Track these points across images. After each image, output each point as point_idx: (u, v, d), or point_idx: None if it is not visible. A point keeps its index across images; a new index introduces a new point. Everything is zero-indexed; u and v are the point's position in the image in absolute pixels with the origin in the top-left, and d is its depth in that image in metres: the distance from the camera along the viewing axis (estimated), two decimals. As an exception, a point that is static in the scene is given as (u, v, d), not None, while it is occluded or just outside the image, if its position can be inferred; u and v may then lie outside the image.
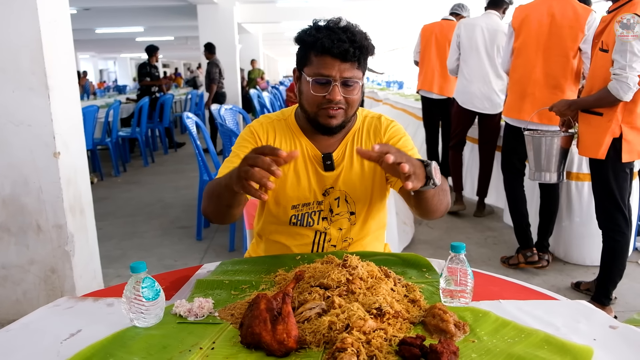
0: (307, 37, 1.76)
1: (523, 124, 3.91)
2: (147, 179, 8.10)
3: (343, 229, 1.95)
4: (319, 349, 1.19)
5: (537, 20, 3.86)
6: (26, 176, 3.25)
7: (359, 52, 1.71)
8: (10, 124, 3.17)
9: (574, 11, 3.76)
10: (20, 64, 3.12)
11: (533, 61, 3.91)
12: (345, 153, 1.92)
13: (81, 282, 3.47)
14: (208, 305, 1.41)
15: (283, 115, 1.97)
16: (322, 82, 1.73)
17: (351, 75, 1.73)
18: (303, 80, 1.80)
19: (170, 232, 5.38)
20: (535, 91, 3.92)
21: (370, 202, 1.95)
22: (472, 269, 1.41)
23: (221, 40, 11.91)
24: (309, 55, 1.76)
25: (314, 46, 1.73)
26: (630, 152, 3.13)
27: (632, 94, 2.98)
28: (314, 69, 1.74)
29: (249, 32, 18.30)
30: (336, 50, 1.68)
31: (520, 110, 3.99)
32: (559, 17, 3.79)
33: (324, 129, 1.82)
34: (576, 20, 3.74)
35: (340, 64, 1.71)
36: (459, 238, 4.88)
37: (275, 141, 1.91)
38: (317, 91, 1.75)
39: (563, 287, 3.80)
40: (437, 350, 1.11)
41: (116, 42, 24.90)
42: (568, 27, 3.76)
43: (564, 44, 3.79)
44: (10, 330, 1.36)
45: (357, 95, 1.79)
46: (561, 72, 3.84)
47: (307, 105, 1.81)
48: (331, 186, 1.90)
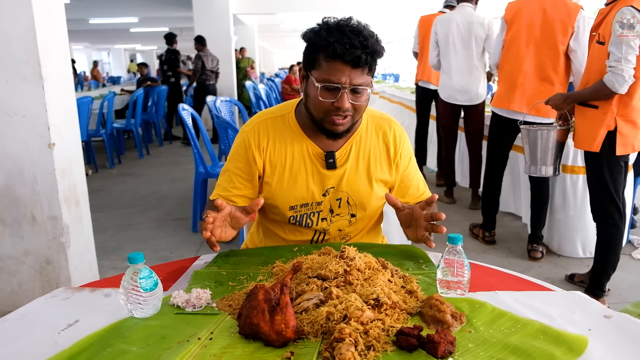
0: (317, 38, 1.67)
1: (512, 114, 4.08)
2: (142, 170, 8.09)
3: (343, 230, 1.95)
4: (316, 339, 1.20)
5: (529, 14, 3.94)
6: (21, 167, 3.23)
7: (370, 58, 1.65)
8: (4, 114, 3.15)
9: (565, 6, 3.85)
10: (13, 53, 3.10)
11: (524, 53, 4.00)
12: (350, 154, 1.88)
13: (77, 274, 3.47)
14: (206, 296, 1.41)
15: (282, 112, 1.91)
16: (331, 88, 1.67)
17: (361, 82, 1.67)
18: (310, 83, 1.72)
19: (166, 224, 5.38)
20: (525, 83, 4.02)
21: (371, 204, 1.93)
22: (468, 261, 1.42)
23: (216, 31, 11.86)
24: (319, 58, 1.68)
25: (325, 50, 1.64)
26: (625, 145, 3.14)
27: (627, 87, 2.99)
28: (324, 74, 1.67)
29: (244, 23, 18.21)
30: (348, 57, 1.61)
31: (510, 101, 4.09)
32: (550, 12, 3.87)
33: (330, 133, 1.77)
34: (567, 15, 3.84)
35: (351, 70, 1.64)
36: (453, 230, 4.81)
37: (269, 144, 1.85)
38: (325, 97, 1.68)
39: (557, 279, 3.82)
40: (435, 340, 1.11)
41: (110, 32, 24.73)
42: (559, 22, 3.85)
43: (554, 38, 3.88)
44: (7, 320, 1.36)
45: (365, 102, 1.74)
46: (551, 65, 3.93)
47: (313, 110, 1.75)
48: (332, 186, 1.87)
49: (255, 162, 1.85)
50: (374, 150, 1.90)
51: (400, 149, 1.94)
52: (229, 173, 1.89)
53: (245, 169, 1.87)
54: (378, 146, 1.91)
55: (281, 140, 1.86)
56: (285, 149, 1.86)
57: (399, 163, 1.94)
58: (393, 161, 1.93)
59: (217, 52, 10.66)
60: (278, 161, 1.86)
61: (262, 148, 1.86)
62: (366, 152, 1.89)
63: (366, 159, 1.89)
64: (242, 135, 1.90)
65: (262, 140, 1.86)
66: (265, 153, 1.86)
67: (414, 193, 1.99)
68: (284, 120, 1.89)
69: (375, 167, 1.90)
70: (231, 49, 12.40)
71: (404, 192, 1.98)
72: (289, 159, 1.86)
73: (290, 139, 1.87)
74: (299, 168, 1.86)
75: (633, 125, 3.12)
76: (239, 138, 1.91)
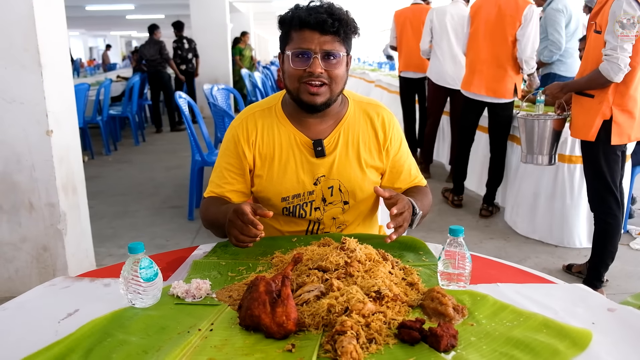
0: (286, 16, 1.75)
1: (473, 95, 4.81)
2: (138, 157, 8.06)
3: (337, 218, 1.94)
4: (317, 331, 1.19)
5: (487, 11, 4.61)
6: (19, 154, 3.22)
7: (337, 23, 1.68)
8: (3, 101, 3.14)
9: (516, 3, 4.47)
10: (12, 40, 3.08)
11: (481, 44, 4.69)
12: (339, 140, 1.88)
13: (73, 261, 3.46)
14: (205, 287, 1.40)
15: (269, 104, 1.93)
16: (302, 55, 1.70)
17: (332, 47, 1.70)
18: (285, 58, 1.76)
19: (162, 212, 5.37)
20: (483, 69, 4.70)
21: (363, 190, 1.92)
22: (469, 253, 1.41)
23: (212, 18, 11.81)
24: (290, 33, 1.74)
25: (292, 22, 1.71)
26: (620, 135, 3.13)
27: (623, 75, 2.98)
28: (294, 45, 1.72)
29: (240, 10, 18.14)
30: (313, 21, 1.66)
31: (471, 84, 4.81)
32: (503, 8, 4.51)
33: (308, 107, 1.77)
34: (516, 10, 4.45)
35: (320, 36, 1.68)
36: (451, 220, 4.91)
37: (258, 137, 1.86)
38: (298, 65, 1.72)
39: (555, 269, 3.83)
40: (437, 334, 1.11)
41: (106, 19, 24.63)
42: (509, 16, 4.47)
43: (505, 31, 4.52)
44: (6, 309, 1.36)
45: (340, 70, 1.75)
46: (504, 54, 4.57)
47: (289, 83, 1.78)
48: (323, 174, 1.87)
49: (245, 156, 1.87)
50: (363, 136, 1.90)
51: (390, 133, 1.94)
52: (220, 169, 1.91)
53: (236, 163, 1.88)
54: (367, 132, 1.91)
55: (269, 132, 1.87)
56: (274, 140, 1.87)
57: (389, 148, 1.94)
58: (383, 147, 1.93)
59: (212, 40, 10.64)
60: (267, 153, 1.87)
61: (251, 142, 1.87)
62: (355, 138, 1.89)
63: (355, 145, 1.89)
64: (231, 131, 1.92)
65: (251, 133, 1.88)
66: (254, 146, 1.87)
67: (405, 178, 2.00)
68: (270, 111, 1.90)
69: (365, 152, 1.90)
70: (227, 36, 12.34)
71: (396, 177, 1.98)
72: (277, 149, 1.86)
73: (278, 129, 1.87)
74: (287, 158, 1.86)
75: (629, 115, 3.11)
76: (229, 133, 1.92)
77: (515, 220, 4.59)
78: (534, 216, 4.37)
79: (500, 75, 4.59)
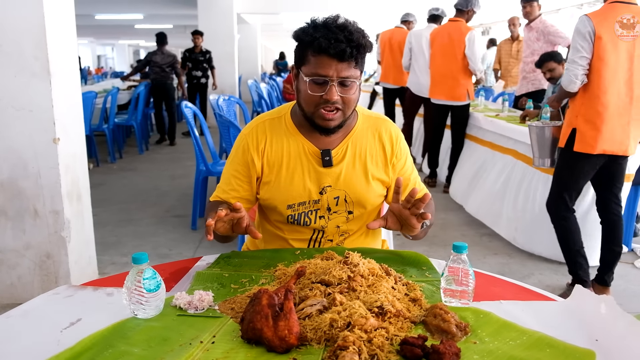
0: (304, 35, 1.73)
1: (437, 100, 6.29)
2: (142, 166, 8.07)
3: (340, 226, 1.95)
4: (319, 346, 1.19)
5: (441, 37, 6.19)
6: (25, 161, 3.24)
7: (355, 51, 1.70)
8: (12, 108, 3.16)
9: (460, 31, 5.99)
10: (23, 48, 3.11)
11: (439, 62, 6.22)
12: (347, 152, 1.90)
13: (76, 268, 3.46)
14: (208, 299, 1.40)
15: (279, 113, 1.95)
16: (319, 81, 1.72)
17: (348, 74, 1.71)
18: (300, 79, 1.78)
19: (165, 221, 5.37)
20: (443, 80, 6.19)
21: (369, 202, 1.94)
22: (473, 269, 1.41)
23: (220, 29, 11.87)
24: (307, 54, 1.74)
25: (311, 45, 1.71)
26: (582, 143, 3.32)
27: (577, 86, 3.27)
28: (312, 69, 1.72)
29: (247, 22, 18.20)
30: (333, 51, 1.67)
31: (435, 92, 6.31)
32: (452, 35, 6.04)
33: (322, 129, 1.81)
34: (460, 35, 5.97)
35: (338, 63, 1.69)
36: (453, 235, 4.90)
37: (267, 145, 1.89)
38: (314, 90, 1.73)
39: (558, 287, 3.81)
40: (440, 351, 1.11)
41: (115, 28, 24.77)
42: (457, 41, 5.99)
43: (455, 51, 6.03)
44: (10, 316, 1.36)
45: (354, 95, 1.77)
46: (455, 68, 6.05)
47: (304, 105, 1.79)
48: (329, 184, 1.88)
49: (253, 164, 1.89)
50: (370, 149, 1.92)
51: (397, 148, 1.96)
52: (228, 175, 1.94)
53: (243, 171, 1.91)
54: (374, 145, 1.93)
55: (278, 140, 1.90)
56: (282, 148, 1.89)
57: (396, 163, 1.96)
58: (389, 161, 1.95)
59: (220, 51, 10.63)
60: (275, 160, 1.89)
61: (261, 149, 1.90)
62: (362, 150, 1.91)
63: (363, 157, 1.91)
64: (241, 139, 1.95)
65: (260, 141, 1.90)
66: (263, 154, 1.90)
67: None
68: (280, 121, 1.93)
69: (372, 165, 1.92)
70: (234, 47, 12.39)
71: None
72: (286, 157, 1.88)
73: (287, 138, 1.90)
74: (295, 166, 1.88)
75: (592, 126, 3.29)
76: (238, 141, 1.95)
77: (518, 236, 4.56)
78: (538, 232, 4.34)
79: (455, 84, 6.08)
